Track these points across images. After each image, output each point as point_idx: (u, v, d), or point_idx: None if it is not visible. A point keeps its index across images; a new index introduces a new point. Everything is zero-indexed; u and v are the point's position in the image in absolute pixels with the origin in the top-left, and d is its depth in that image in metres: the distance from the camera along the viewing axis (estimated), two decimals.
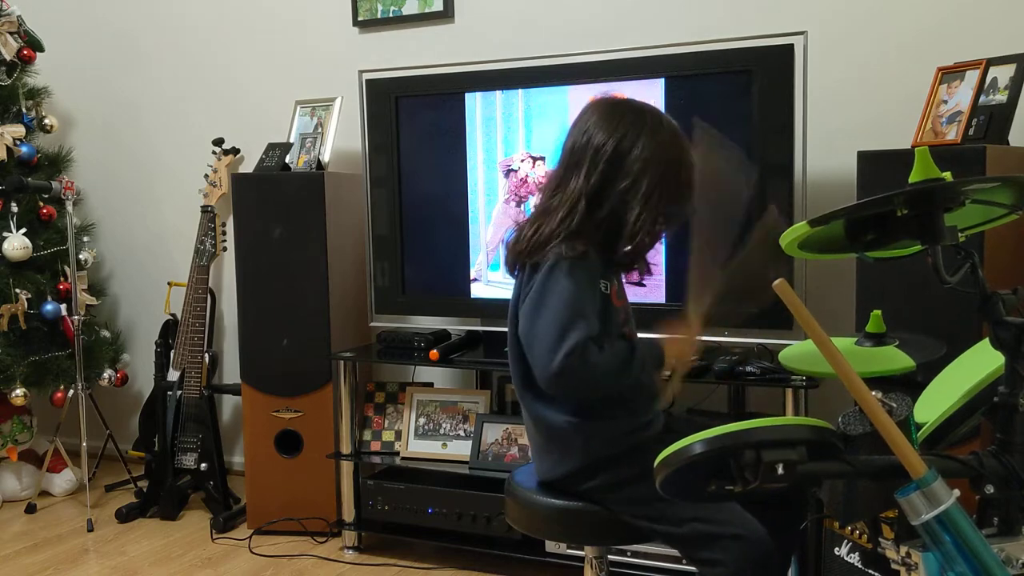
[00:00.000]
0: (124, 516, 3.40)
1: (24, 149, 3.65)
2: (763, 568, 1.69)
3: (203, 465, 3.40)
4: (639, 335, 1.92)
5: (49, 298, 3.59)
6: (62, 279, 3.64)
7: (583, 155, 1.79)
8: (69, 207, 3.39)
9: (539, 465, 1.91)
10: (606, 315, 1.76)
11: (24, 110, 3.70)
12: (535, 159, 2.81)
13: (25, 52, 3.68)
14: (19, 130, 3.63)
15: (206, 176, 3.62)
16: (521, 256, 1.81)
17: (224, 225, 3.52)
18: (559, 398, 1.80)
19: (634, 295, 2.35)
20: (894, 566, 1.34)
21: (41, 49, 3.75)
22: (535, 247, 1.77)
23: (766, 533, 1.70)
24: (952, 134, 2.31)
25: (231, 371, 3.68)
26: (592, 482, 1.81)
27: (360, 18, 3.44)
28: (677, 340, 1.79)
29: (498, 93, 2.83)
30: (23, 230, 3.55)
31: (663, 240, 2.61)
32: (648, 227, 1.76)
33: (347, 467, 3.07)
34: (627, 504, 1.79)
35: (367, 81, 3.02)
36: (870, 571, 2.14)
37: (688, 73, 2.61)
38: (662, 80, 2.62)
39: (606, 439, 1.80)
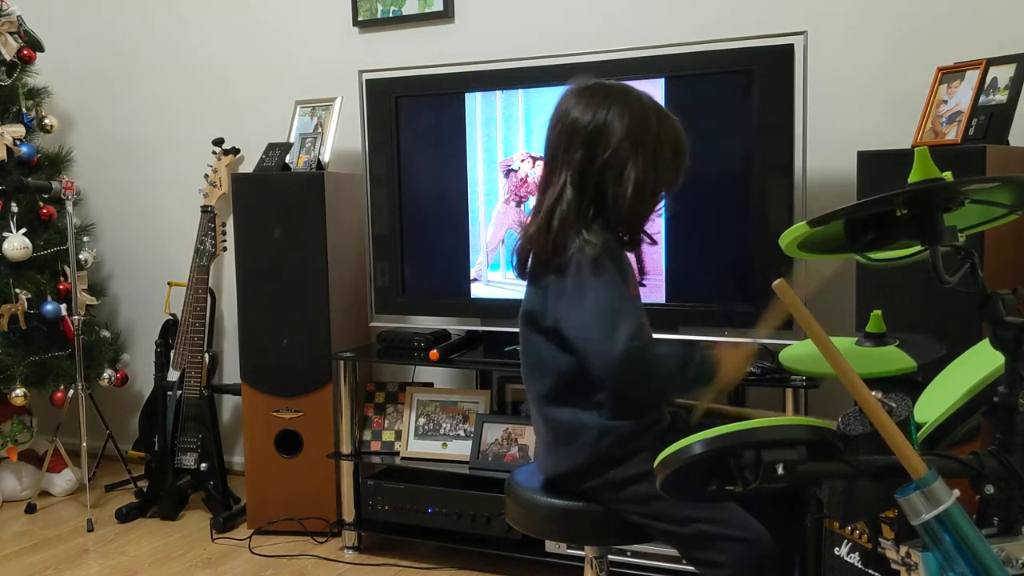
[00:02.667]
0: (124, 516, 3.40)
1: (24, 149, 3.64)
2: (763, 571, 1.68)
3: (203, 465, 3.40)
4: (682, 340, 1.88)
5: (49, 298, 3.59)
6: (62, 279, 3.64)
7: (561, 141, 1.79)
8: (69, 207, 3.39)
9: (543, 461, 1.90)
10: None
11: (24, 110, 3.70)
12: (535, 159, 2.81)
13: (25, 52, 3.67)
14: (19, 130, 3.63)
15: (206, 176, 3.62)
16: (536, 261, 1.80)
17: (224, 225, 3.52)
18: (614, 396, 1.77)
19: None
20: (894, 566, 1.34)
21: (41, 49, 3.75)
22: (552, 251, 1.76)
23: (768, 536, 1.70)
24: (952, 134, 2.32)
25: (231, 371, 3.68)
26: (595, 480, 1.81)
27: (360, 18, 3.44)
28: (733, 356, 1.74)
29: (498, 93, 2.83)
30: (23, 230, 3.55)
31: (662, 240, 2.62)
32: (635, 195, 1.74)
33: (347, 467, 3.07)
34: (630, 502, 1.78)
35: (367, 81, 3.02)
36: (870, 571, 2.14)
37: (688, 73, 2.61)
38: (662, 80, 2.62)
39: (616, 439, 1.79)
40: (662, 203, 1.88)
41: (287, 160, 3.27)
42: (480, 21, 3.26)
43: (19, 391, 3.45)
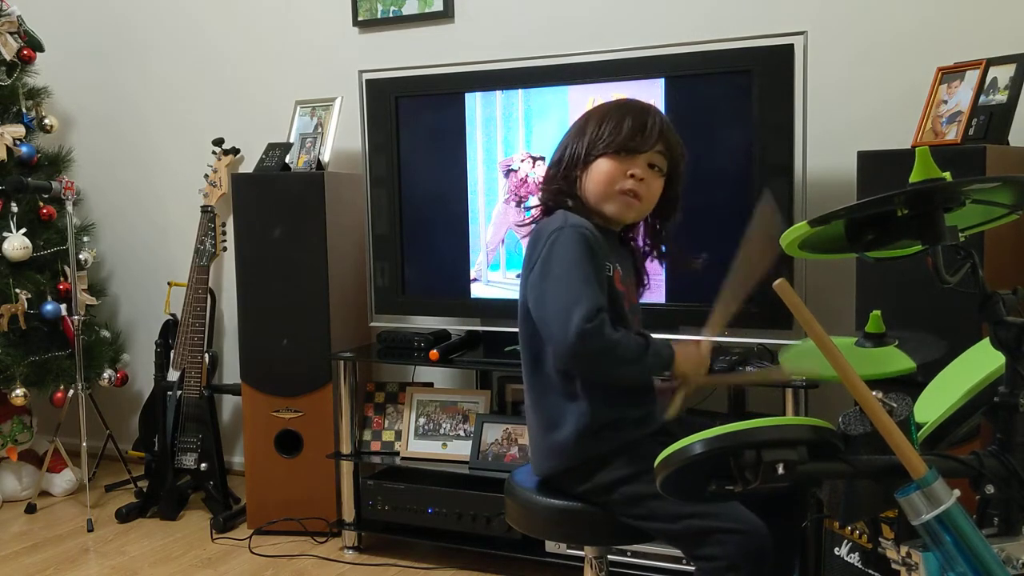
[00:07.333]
0: (124, 516, 3.40)
1: (24, 149, 3.65)
2: (760, 561, 1.68)
3: (203, 465, 3.40)
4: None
5: (49, 298, 3.59)
6: (62, 279, 3.64)
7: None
8: (69, 207, 3.39)
9: (535, 460, 1.91)
10: (610, 296, 1.79)
11: (24, 110, 3.70)
12: (535, 159, 2.81)
13: (25, 52, 3.67)
14: (19, 130, 3.63)
15: (206, 176, 3.62)
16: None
17: (224, 225, 3.52)
18: (572, 376, 1.81)
19: None
20: (894, 566, 1.34)
21: (41, 49, 3.75)
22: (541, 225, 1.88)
23: (764, 527, 1.70)
24: (952, 134, 2.32)
25: (231, 371, 3.68)
26: (586, 484, 1.82)
27: (360, 18, 3.44)
28: (691, 348, 1.81)
29: (498, 93, 2.83)
30: (23, 230, 3.55)
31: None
32: (592, 180, 1.86)
33: (347, 467, 3.07)
34: (622, 504, 1.79)
35: (367, 81, 3.02)
36: (870, 571, 2.14)
37: (688, 73, 2.61)
38: (662, 80, 2.62)
39: (596, 434, 1.80)
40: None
41: (287, 160, 3.27)
42: (480, 21, 3.26)
43: (19, 391, 3.45)
